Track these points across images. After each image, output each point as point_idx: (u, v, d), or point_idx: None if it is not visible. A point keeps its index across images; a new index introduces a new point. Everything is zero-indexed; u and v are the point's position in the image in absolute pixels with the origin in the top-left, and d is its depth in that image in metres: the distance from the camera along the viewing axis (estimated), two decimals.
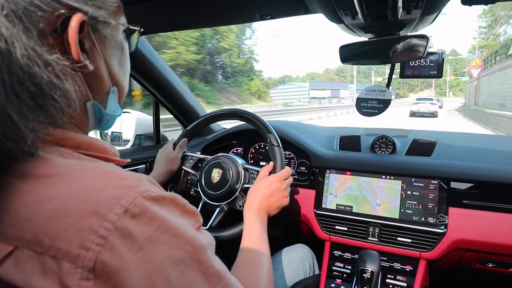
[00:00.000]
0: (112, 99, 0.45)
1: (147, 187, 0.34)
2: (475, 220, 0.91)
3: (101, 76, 0.42)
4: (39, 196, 0.31)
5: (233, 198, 0.94)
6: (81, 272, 0.29)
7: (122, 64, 0.46)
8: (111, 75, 0.43)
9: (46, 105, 0.34)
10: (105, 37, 0.41)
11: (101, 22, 0.39)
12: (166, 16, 0.93)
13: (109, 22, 0.41)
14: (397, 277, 0.97)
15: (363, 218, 1.01)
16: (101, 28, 0.40)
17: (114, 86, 0.45)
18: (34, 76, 0.32)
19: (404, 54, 0.75)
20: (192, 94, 1.48)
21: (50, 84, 0.34)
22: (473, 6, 0.65)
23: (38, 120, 0.33)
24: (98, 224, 0.30)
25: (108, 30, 0.41)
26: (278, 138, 0.95)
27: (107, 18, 0.40)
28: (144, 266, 0.31)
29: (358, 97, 0.94)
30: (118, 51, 0.45)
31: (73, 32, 0.35)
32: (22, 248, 0.30)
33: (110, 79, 0.43)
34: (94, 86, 0.41)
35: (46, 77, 0.33)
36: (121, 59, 0.46)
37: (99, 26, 0.39)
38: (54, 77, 0.34)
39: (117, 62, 0.45)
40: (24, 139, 0.32)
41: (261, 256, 0.64)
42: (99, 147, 0.40)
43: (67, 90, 0.36)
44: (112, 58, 0.43)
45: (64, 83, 0.35)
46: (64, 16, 0.35)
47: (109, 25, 0.41)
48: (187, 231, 0.35)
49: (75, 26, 0.35)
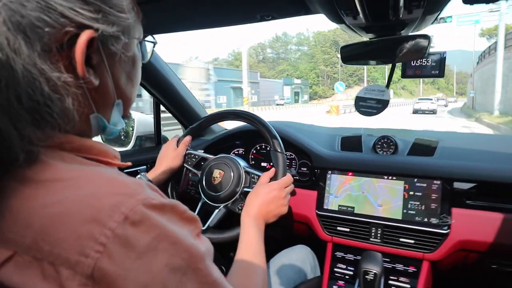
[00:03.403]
0: (115, 112, 0.44)
1: (148, 195, 0.34)
2: (479, 220, 0.90)
3: (106, 90, 0.41)
4: (40, 202, 0.31)
5: (233, 200, 0.94)
6: (79, 278, 0.29)
7: (132, 77, 0.45)
8: (117, 88, 0.42)
9: (44, 121, 0.33)
10: (115, 52, 0.40)
11: (113, 37, 0.38)
12: (165, 17, 0.93)
13: (120, 38, 0.39)
14: (400, 279, 0.96)
15: (365, 219, 1.01)
16: (111, 44, 0.38)
17: (119, 99, 0.44)
18: (33, 91, 0.32)
19: (406, 54, 0.75)
20: (192, 95, 1.48)
21: (48, 101, 0.33)
22: (475, 5, 0.64)
23: (33, 134, 0.33)
24: (97, 231, 0.30)
25: (119, 46, 0.40)
26: (282, 144, 0.94)
27: (119, 34, 0.39)
28: (143, 275, 0.31)
29: (357, 96, 0.93)
30: (128, 65, 0.43)
31: (81, 49, 0.34)
32: (21, 254, 0.30)
33: (115, 92, 0.42)
34: (98, 100, 0.40)
35: (46, 93, 0.33)
36: (130, 73, 0.44)
37: (110, 42, 0.38)
38: (54, 93, 0.33)
39: (126, 75, 0.44)
40: (17, 151, 0.31)
41: (257, 264, 0.64)
42: (100, 150, 0.40)
43: (66, 107, 0.35)
44: (120, 72, 0.42)
45: (64, 101, 0.35)
46: (73, 33, 0.34)
47: (120, 41, 0.40)
48: (186, 240, 0.35)
49: (83, 43, 0.34)
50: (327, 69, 79.09)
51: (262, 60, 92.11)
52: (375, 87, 0.93)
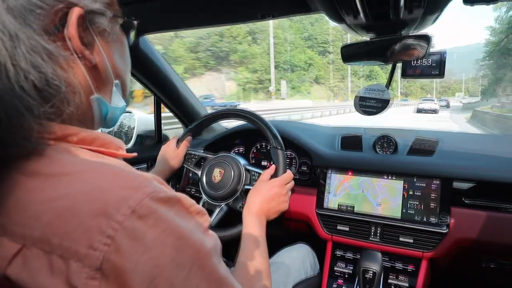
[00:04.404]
0: (116, 93, 0.45)
1: (154, 188, 0.34)
2: (478, 220, 0.90)
3: (104, 69, 0.42)
4: (48, 195, 0.32)
5: (234, 198, 0.94)
6: (88, 271, 0.29)
7: (123, 57, 0.47)
8: (113, 68, 0.44)
9: (51, 96, 0.34)
10: (104, 30, 0.41)
11: (98, 14, 0.40)
12: (167, 15, 0.93)
13: (105, 14, 0.41)
14: (399, 277, 0.96)
15: (365, 217, 1.01)
16: (99, 21, 0.40)
17: (117, 79, 0.45)
18: (38, 68, 0.33)
19: (406, 54, 0.75)
20: (192, 93, 1.48)
21: (54, 75, 0.34)
22: (475, 5, 0.65)
23: (43, 111, 0.34)
24: (105, 224, 0.30)
25: (106, 23, 0.41)
26: (281, 141, 0.95)
27: (103, 10, 0.40)
28: (149, 269, 0.31)
29: (357, 95, 0.94)
30: (117, 44, 0.45)
31: (73, 27, 0.36)
32: (29, 247, 0.31)
33: (113, 72, 0.44)
34: (97, 79, 0.41)
35: (50, 69, 0.34)
36: (121, 52, 0.46)
37: (97, 19, 0.40)
38: (58, 68, 0.35)
39: (118, 54, 0.45)
40: (30, 131, 0.32)
41: (259, 260, 0.65)
42: (104, 141, 0.40)
43: (72, 81, 0.36)
44: (113, 50, 0.43)
45: (68, 74, 0.36)
46: (62, 12, 0.35)
47: (106, 17, 0.41)
48: (192, 235, 0.35)
49: (74, 20, 0.36)
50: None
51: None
52: (375, 86, 0.93)
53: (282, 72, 32.99)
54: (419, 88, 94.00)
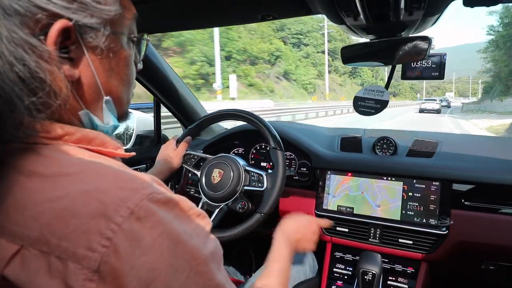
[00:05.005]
0: (106, 110, 0.43)
1: (153, 189, 0.34)
2: (477, 222, 0.90)
3: (91, 85, 0.40)
4: (47, 196, 0.32)
5: (233, 199, 0.94)
6: (85, 273, 0.29)
7: (121, 74, 0.43)
8: (104, 83, 0.41)
9: (37, 89, 0.34)
10: (96, 46, 0.38)
11: (92, 29, 0.37)
12: (167, 16, 0.93)
13: (101, 30, 0.38)
14: (398, 279, 0.96)
15: (364, 219, 1.01)
16: (91, 37, 0.38)
17: (108, 95, 0.42)
18: (21, 61, 0.32)
19: (406, 56, 0.75)
20: (193, 94, 1.47)
21: (37, 67, 0.33)
22: (475, 7, 0.65)
23: (32, 102, 0.33)
24: (104, 225, 0.30)
25: (101, 38, 0.38)
26: (281, 142, 0.94)
27: (99, 27, 0.38)
28: (146, 272, 0.31)
29: (356, 96, 0.94)
30: (115, 60, 0.42)
31: (52, 39, 0.34)
32: (28, 247, 0.30)
33: (103, 88, 0.41)
34: (84, 94, 0.40)
35: (34, 62, 0.33)
36: (118, 68, 0.43)
37: (89, 34, 0.37)
38: (42, 61, 0.34)
39: (112, 71, 0.42)
40: (21, 119, 0.32)
41: (281, 280, 0.63)
42: (103, 141, 0.40)
43: (56, 73, 0.35)
44: (105, 66, 0.41)
45: (53, 67, 0.35)
46: (44, 22, 0.34)
47: (101, 33, 0.38)
48: (190, 240, 0.34)
49: (54, 33, 0.34)
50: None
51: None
52: (374, 87, 0.93)
53: (236, 64, 24.68)
54: (408, 88, 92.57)
